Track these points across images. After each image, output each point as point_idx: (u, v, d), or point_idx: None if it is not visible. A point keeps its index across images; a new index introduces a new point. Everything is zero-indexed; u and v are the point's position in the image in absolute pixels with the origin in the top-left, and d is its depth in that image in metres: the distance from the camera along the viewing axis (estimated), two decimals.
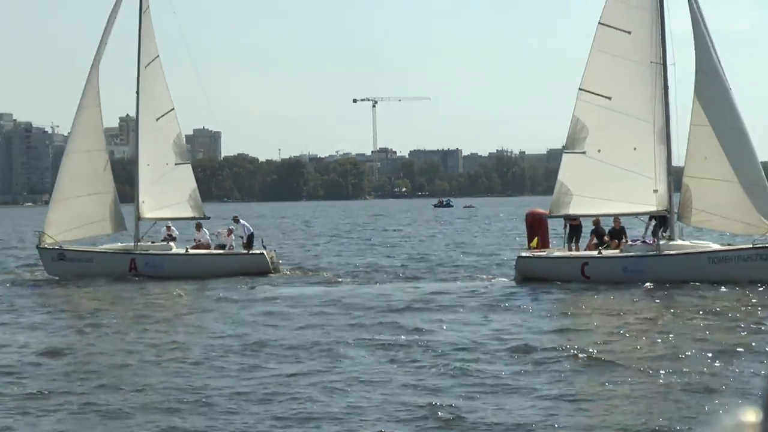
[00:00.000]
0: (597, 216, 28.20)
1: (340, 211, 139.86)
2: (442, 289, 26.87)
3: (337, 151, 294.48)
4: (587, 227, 29.28)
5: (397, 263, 37.13)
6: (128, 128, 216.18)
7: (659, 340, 17.75)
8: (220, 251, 32.19)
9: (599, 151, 27.42)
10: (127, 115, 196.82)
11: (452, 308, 22.90)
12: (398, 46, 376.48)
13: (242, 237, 32.35)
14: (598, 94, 27.40)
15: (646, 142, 27.00)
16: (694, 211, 26.74)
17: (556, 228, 33.28)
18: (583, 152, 27.67)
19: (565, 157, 28.35)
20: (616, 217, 28.14)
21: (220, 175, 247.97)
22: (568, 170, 28.09)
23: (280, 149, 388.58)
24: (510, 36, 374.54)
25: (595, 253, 27.45)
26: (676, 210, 27.04)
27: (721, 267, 25.65)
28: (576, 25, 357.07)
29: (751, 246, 26.14)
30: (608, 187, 27.27)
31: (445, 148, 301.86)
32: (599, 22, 27.36)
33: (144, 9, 33.03)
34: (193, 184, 33.38)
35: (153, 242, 32.90)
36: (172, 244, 32.75)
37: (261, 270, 31.09)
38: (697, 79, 26.63)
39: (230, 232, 32.65)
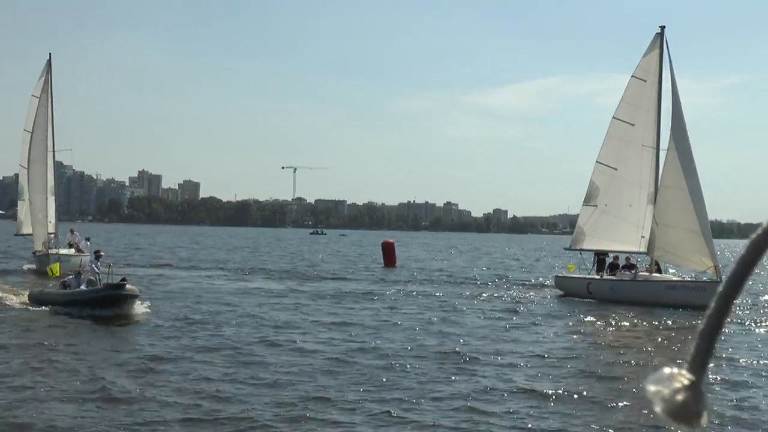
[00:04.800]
0: (602, 251, 39.18)
1: (270, 236, 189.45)
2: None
3: (270, 197, 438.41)
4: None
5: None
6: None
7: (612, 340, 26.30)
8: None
9: (606, 205, 38.79)
10: None
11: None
12: (308, 133, 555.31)
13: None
14: (608, 166, 38.88)
15: (638, 201, 38.35)
16: (657, 248, 36.86)
17: (570, 258, 44.66)
18: (595, 206, 39.13)
19: (582, 208, 39.73)
20: (629, 255, 38.20)
21: (198, 209, 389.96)
22: (584, 217, 39.51)
23: (235, 194, 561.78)
24: (376, 132, 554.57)
25: (597, 276, 38.80)
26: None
27: (674, 293, 35.17)
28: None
29: (695, 279, 36.64)
30: (611, 231, 38.57)
31: (336, 199, 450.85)
32: (613, 117, 38.92)
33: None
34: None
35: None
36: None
37: None
38: (668, 155, 36.66)
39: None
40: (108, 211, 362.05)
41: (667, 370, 1.29)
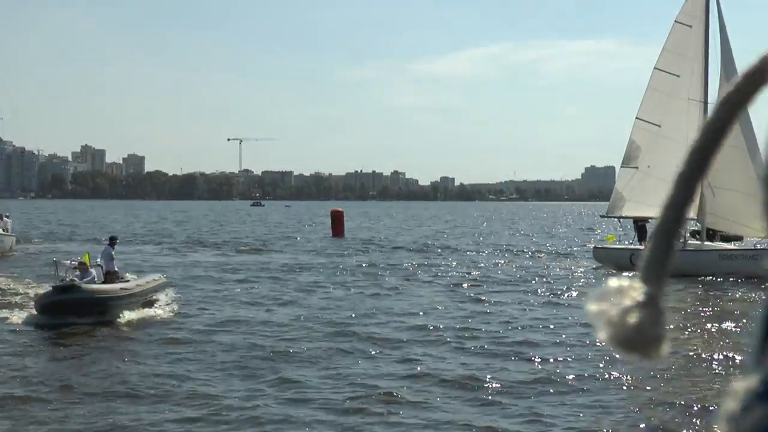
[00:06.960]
0: (644, 217, 35.17)
1: (216, 209, 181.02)
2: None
3: (216, 170, 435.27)
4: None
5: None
6: None
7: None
8: None
9: (648, 166, 34.78)
10: None
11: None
12: (254, 104, 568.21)
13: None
14: (651, 122, 34.87)
15: None
16: (708, 214, 33.24)
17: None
18: (636, 167, 35.07)
19: (621, 171, 35.71)
20: None
21: (143, 183, 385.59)
22: (623, 180, 35.47)
23: (181, 167, 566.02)
24: (322, 102, 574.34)
25: (640, 246, 34.84)
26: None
27: (729, 262, 31.91)
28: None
29: (753, 248, 32.97)
30: (654, 195, 34.49)
31: (283, 170, 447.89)
32: (655, 67, 34.84)
33: None
34: None
35: None
36: None
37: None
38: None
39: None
40: (51, 187, 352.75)
41: (614, 282, 0.95)
